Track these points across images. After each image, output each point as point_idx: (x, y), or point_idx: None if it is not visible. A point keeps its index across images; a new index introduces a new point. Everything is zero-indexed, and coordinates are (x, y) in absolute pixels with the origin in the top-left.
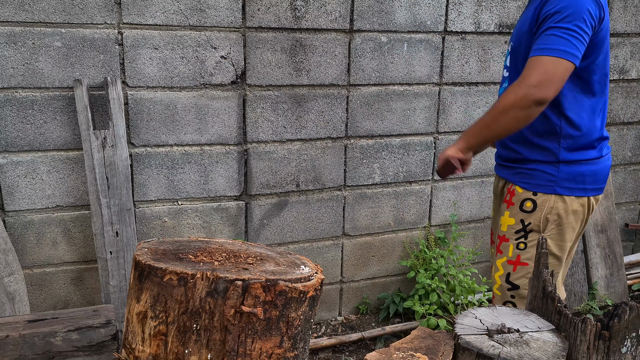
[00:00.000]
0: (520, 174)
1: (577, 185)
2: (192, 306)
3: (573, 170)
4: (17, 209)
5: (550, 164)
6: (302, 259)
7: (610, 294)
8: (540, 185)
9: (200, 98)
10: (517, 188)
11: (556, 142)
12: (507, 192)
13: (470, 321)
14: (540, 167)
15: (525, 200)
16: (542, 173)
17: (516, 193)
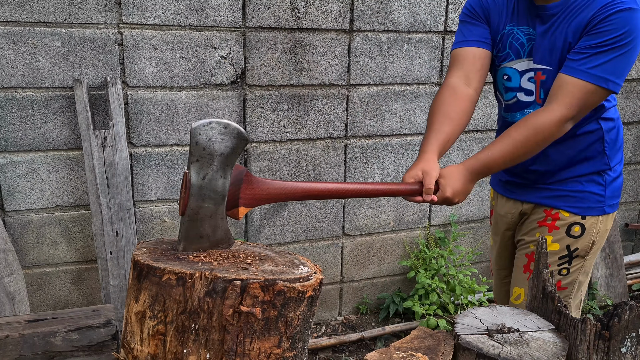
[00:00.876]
0: (565, 197)
1: (617, 200)
2: (191, 306)
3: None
4: (17, 209)
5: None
6: (301, 259)
7: (610, 293)
8: (590, 208)
9: (200, 98)
10: (562, 212)
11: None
12: (546, 215)
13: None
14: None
15: (573, 225)
16: (591, 195)
17: (561, 217)
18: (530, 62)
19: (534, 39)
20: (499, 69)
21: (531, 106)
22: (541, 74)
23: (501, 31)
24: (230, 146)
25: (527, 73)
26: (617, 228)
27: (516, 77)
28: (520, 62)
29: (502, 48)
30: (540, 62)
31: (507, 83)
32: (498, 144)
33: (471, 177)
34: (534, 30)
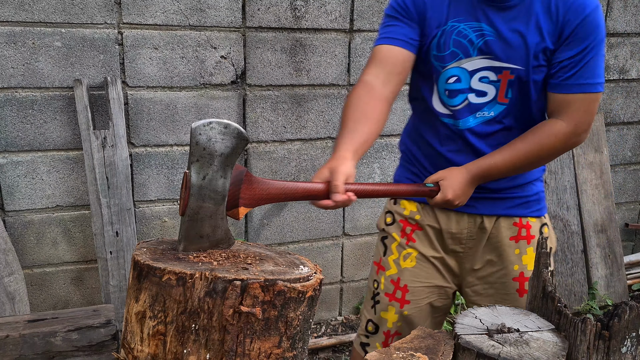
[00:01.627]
0: (528, 203)
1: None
2: (191, 306)
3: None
4: (17, 209)
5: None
6: (301, 259)
7: (610, 293)
8: (544, 207)
9: (200, 98)
10: (530, 219)
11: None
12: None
13: (470, 321)
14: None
15: (542, 227)
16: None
17: (532, 225)
18: (483, 59)
19: (488, 35)
20: (443, 71)
21: (485, 107)
22: (509, 73)
23: (442, 28)
24: (230, 146)
25: (479, 72)
26: (617, 228)
27: (466, 77)
28: (470, 60)
29: (444, 47)
30: (507, 61)
31: (454, 85)
32: (502, 152)
33: (473, 181)
34: (489, 24)
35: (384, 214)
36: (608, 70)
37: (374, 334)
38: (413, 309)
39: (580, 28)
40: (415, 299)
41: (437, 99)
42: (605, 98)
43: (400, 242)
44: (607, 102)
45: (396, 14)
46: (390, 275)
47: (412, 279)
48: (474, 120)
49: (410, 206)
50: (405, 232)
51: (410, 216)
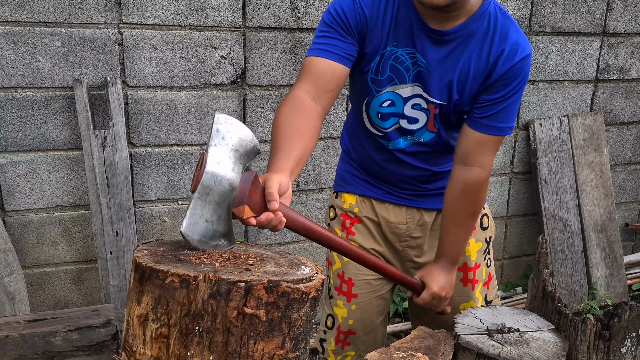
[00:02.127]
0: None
1: None
2: (195, 308)
3: None
4: (17, 209)
5: None
6: (301, 259)
7: (610, 293)
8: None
9: (200, 98)
10: None
11: None
12: None
13: (470, 321)
14: None
15: (482, 217)
16: None
17: None
18: (415, 87)
19: (420, 65)
20: (377, 95)
21: (417, 133)
22: (434, 107)
23: (381, 52)
24: (244, 148)
25: (413, 99)
26: (617, 228)
27: (399, 103)
28: (405, 87)
29: (381, 71)
30: (433, 95)
31: (388, 109)
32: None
33: (450, 269)
34: (422, 55)
35: (328, 209)
36: (608, 70)
37: (330, 329)
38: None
39: (506, 75)
40: (362, 292)
41: (367, 120)
42: (605, 98)
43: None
44: (607, 102)
45: (334, 25)
46: (336, 269)
47: (355, 272)
48: (404, 142)
49: (349, 199)
50: (345, 226)
51: (349, 209)
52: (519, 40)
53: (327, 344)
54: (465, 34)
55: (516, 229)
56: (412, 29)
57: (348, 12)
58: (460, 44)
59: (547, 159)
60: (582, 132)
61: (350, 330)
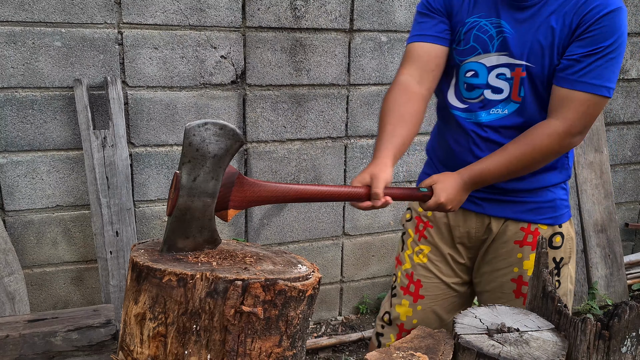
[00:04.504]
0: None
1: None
2: (192, 307)
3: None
4: (17, 209)
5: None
6: (297, 258)
7: (610, 293)
8: (562, 215)
9: (200, 98)
10: (540, 227)
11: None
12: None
13: (470, 320)
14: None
15: (554, 235)
16: (561, 202)
17: (541, 232)
18: (500, 56)
19: (505, 32)
20: (462, 65)
21: (500, 104)
22: (521, 70)
23: (464, 22)
24: (224, 147)
25: (497, 69)
26: (617, 228)
27: (484, 73)
28: (489, 56)
29: (465, 41)
30: (520, 58)
31: (472, 80)
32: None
33: (466, 186)
34: (507, 22)
35: (405, 210)
36: None
37: (389, 325)
38: (427, 305)
39: (595, 27)
40: (429, 295)
41: (452, 93)
42: None
43: (414, 238)
44: None
45: (426, 10)
46: (405, 269)
47: (425, 274)
48: (487, 116)
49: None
50: (418, 229)
51: (423, 213)
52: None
53: (384, 339)
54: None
55: None
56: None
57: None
58: (544, 5)
59: None
60: None
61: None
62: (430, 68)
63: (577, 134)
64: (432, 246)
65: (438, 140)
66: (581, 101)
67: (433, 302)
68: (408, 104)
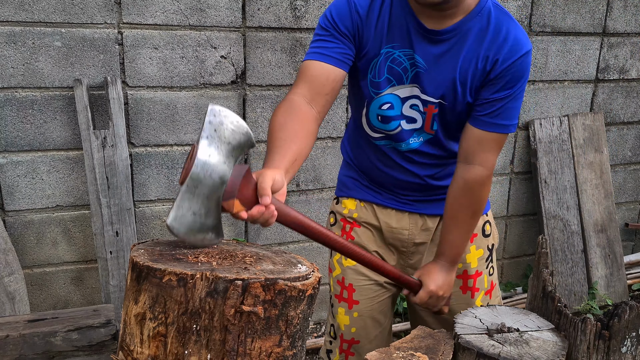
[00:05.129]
0: None
1: None
2: (192, 307)
3: None
4: (17, 209)
5: None
6: (297, 258)
7: (610, 293)
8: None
9: (200, 98)
10: None
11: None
12: None
13: (470, 320)
14: None
15: (484, 224)
16: None
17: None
18: (414, 88)
19: (419, 67)
20: (376, 98)
21: (415, 134)
22: (433, 107)
23: (379, 53)
24: (238, 140)
25: (410, 100)
26: (617, 228)
27: (398, 104)
28: (403, 88)
29: (379, 73)
30: (433, 95)
31: (388, 112)
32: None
33: (449, 267)
34: (421, 56)
35: (329, 215)
36: (608, 70)
37: (335, 339)
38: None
39: (507, 72)
40: (363, 298)
41: (367, 124)
42: (605, 98)
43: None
44: (607, 102)
45: (330, 28)
46: (336, 276)
47: (356, 277)
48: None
49: (350, 204)
50: (345, 230)
51: (348, 215)
52: (518, 36)
53: (332, 355)
54: (462, 32)
55: (516, 229)
56: (408, 29)
57: (344, 15)
58: (458, 42)
59: (547, 159)
60: (582, 132)
61: (353, 339)
62: (325, 92)
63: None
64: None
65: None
66: (495, 141)
67: (369, 306)
68: (299, 123)
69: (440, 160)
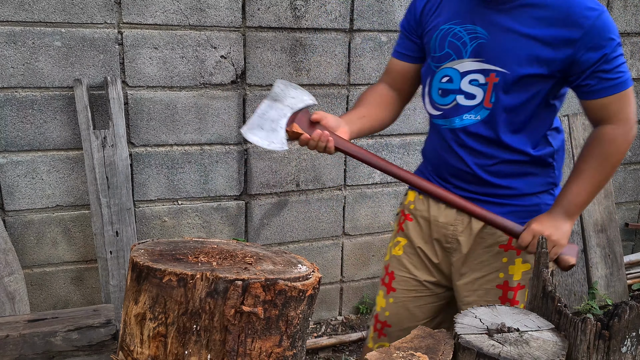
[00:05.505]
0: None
1: None
2: (192, 307)
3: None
4: (17, 209)
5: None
6: (297, 258)
7: (610, 293)
8: None
9: (200, 98)
10: None
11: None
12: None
13: (470, 320)
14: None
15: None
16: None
17: None
18: (474, 62)
19: (481, 38)
20: (437, 71)
21: (473, 110)
22: (494, 75)
23: (439, 28)
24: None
25: (470, 75)
26: (617, 228)
27: (457, 78)
28: (462, 62)
29: (439, 48)
30: (494, 63)
31: (446, 85)
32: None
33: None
34: (483, 27)
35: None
36: None
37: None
38: (399, 299)
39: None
40: (400, 289)
41: (428, 100)
42: None
43: (395, 231)
44: None
45: (402, 28)
46: (385, 260)
47: (398, 267)
48: (460, 122)
49: (411, 196)
50: (399, 222)
51: (407, 205)
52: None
53: (369, 330)
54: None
55: None
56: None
57: (409, 15)
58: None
59: None
60: (582, 132)
61: (386, 322)
62: (398, 83)
63: (633, 124)
64: (407, 239)
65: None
66: (617, 101)
67: (404, 297)
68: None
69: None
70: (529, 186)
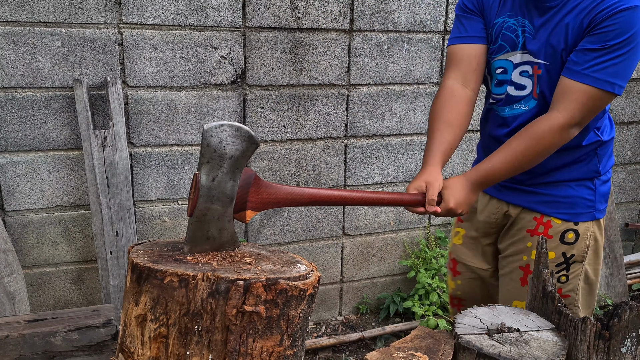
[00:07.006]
0: (555, 203)
1: (605, 205)
2: (194, 307)
3: (605, 189)
4: (17, 209)
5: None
6: (296, 257)
7: (610, 293)
8: (581, 214)
9: (200, 98)
10: (554, 220)
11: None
12: (537, 224)
13: (470, 320)
14: (579, 193)
15: (567, 231)
16: (582, 200)
17: (554, 225)
18: (524, 54)
19: (529, 32)
20: (492, 62)
21: (522, 101)
22: (537, 67)
23: (493, 22)
24: (240, 149)
25: (520, 66)
26: (617, 228)
27: (510, 69)
28: (515, 54)
29: (494, 40)
30: (537, 56)
31: (501, 76)
32: (499, 154)
33: (473, 187)
34: (531, 22)
35: None
36: None
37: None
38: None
39: (606, 23)
40: (463, 272)
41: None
42: None
43: (455, 220)
44: None
45: (462, 12)
46: (450, 247)
47: (459, 255)
48: (510, 111)
49: None
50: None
51: None
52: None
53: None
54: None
55: None
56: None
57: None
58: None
59: None
60: None
61: (460, 298)
62: (472, 68)
63: (575, 125)
64: (465, 229)
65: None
66: (582, 93)
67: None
68: (454, 109)
69: None
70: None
